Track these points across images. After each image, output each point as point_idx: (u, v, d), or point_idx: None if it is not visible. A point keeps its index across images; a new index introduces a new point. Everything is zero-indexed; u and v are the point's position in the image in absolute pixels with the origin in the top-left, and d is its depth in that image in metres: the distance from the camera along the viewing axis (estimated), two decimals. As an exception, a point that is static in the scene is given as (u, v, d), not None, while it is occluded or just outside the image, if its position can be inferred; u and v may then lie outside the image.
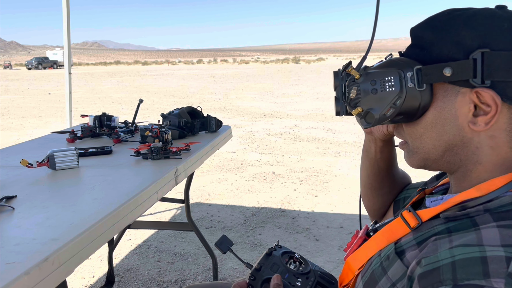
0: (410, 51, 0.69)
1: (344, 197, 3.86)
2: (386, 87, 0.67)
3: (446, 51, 0.64)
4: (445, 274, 0.54)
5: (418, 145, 0.70)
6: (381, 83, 0.67)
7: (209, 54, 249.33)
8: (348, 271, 0.76)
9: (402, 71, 0.66)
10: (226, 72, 32.60)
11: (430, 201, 0.73)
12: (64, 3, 3.68)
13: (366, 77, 0.68)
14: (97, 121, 2.04)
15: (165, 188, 1.42)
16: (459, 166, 0.68)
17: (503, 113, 0.62)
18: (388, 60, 0.69)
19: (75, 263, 0.93)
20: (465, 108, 0.63)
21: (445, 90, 0.65)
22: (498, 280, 0.51)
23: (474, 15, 0.64)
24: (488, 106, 0.62)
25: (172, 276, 2.52)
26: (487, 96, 0.61)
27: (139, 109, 2.15)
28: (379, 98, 0.67)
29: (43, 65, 55.18)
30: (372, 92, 0.68)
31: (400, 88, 0.66)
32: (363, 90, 0.69)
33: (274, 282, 0.79)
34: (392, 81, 0.66)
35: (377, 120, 0.68)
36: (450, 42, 0.64)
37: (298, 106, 10.85)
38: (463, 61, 0.62)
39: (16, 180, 1.39)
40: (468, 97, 0.63)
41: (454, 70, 0.62)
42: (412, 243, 0.65)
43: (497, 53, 0.61)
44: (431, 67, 0.64)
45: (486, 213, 0.60)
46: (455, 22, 0.64)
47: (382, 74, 0.67)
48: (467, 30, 0.63)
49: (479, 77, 0.61)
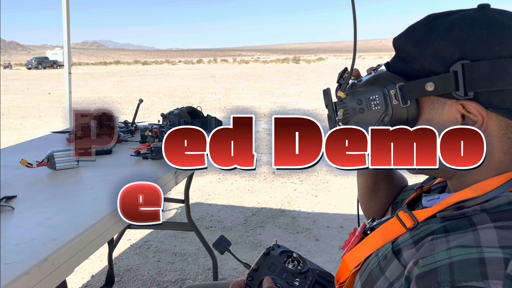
0: (395, 63, 0.70)
1: (344, 197, 3.86)
2: (372, 106, 0.68)
3: (427, 65, 0.64)
4: (443, 276, 0.54)
5: None
6: (367, 102, 0.68)
7: (209, 54, 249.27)
8: (345, 269, 0.76)
9: (386, 88, 0.67)
10: (226, 72, 32.59)
11: (427, 200, 0.73)
12: (64, 3, 3.68)
13: (352, 96, 0.70)
14: (97, 121, 2.03)
15: (165, 188, 1.42)
16: (454, 173, 0.68)
17: (492, 120, 0.62)
18: (373, 76, 0.70)
19: (75, 263, 0.93)
20: (452, 119, 0.64)
21: (432, 103, 0.65)
22: (496, 282, 0.51)
23: (452, 25, 0.63)
24: (475, 116, 0.62)
25: (172, 276, 2.52)
26: (472, 107, 0.61)
27: (139, 109, 2.15)
28: (367, 117, 0.69)
29: (43, 65, 55.16)
30: (360, 112, 0.69)
31: (386, 106, 0.67)
32: (351, 109, 0.70)
33: (265, 286, 0.80)
34: (377, 99, 0.67)
35: None
36: (430, 56, 0.64)
37: (298, 106, 10.85)
38: (444, 74, 0.62)
39: (16, 180, 1.39)
40: (454, 108, 0.63)
41: (436, 84, 0.62)
42: (408, 242, 0.65)
43: (477, 64, 0.60)
44: (413, 83, 0.65)
45: (483, 213, 0.60)
46: (433, 35, 0.64)
47: (367, 93, 0.68)
48: (446, 43, 0.62)
49: (461, 89, 0.61)
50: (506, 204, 0.60)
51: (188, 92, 15.83)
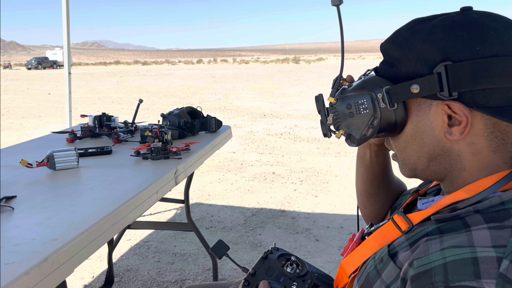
0: (383, 68, 0.71)
1: (344, 197, 3.86)
2: (361, 110, 0.70)
3: (411, 68, 0.65)
4: (437, 276, 0.54)
5: (404, 157, 0.73)
6: (356, 106, 0.70)
7: (209, 54, 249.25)
8: (343, 275, 0.76)
9: (373, 92, 0.69)
10: (226, 72, 32.61)
11: (422, 203, 0.74)
12: (64, 3, 3.68)
13: (342, 101, 0.72)
14: (97, 121, 2.04)
15: (165, 188, 1.42)
16: (445, 174, 0.69)
17: (478, 119, 0.63)
18: (362, 81, 0.72)
19: (74, 263, 0.93)
20: (439, 120, 0.65)
21: (419, 105, 0.67)
22: (488, 281, 0.51)
23: (433, 28, 0.65)
24: (460, 116, 0.63)
25: (172, 277, 2.52)
26: (456, 107, 0.62)
27: (139, 109, 2.15)
28: (356, 120, 0.71)
29: (42, 65, 55.18)
30: (349, 116, 0.71)
31: (374, 109, 0.69)
32: (341, 114, 0.73)
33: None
34: (365, 103, 0.69)
35: (359, 141, 0.72)
36: (414, 59, 0.65)
37: (298, 106, 10.85)
38: (428, 76, 0.63)
39: (16, 180, 1.39)
40: (440, 109, 0.64)
41: (421, 86, 0.64)
42: (404, 245, 0.65)
43: (459, 64, 0.61)
44: (399, 87, 0.66)
45: (476, 214, 0.61)
46: (416, 38, 0.66)
47: (356, 98, 0.70)
48: (428, 46, 0.64)
49: (446, 90, 0.62)
50: (498, 205, 0.60)
51: (188, 92, 15.84)
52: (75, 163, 1.51)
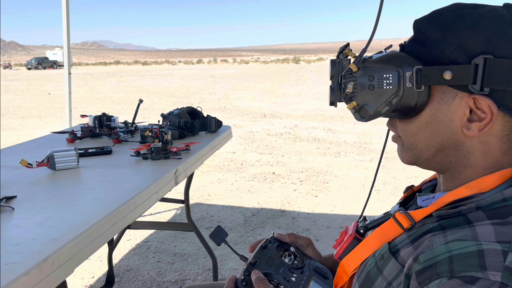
0: (412, 45, 0.67)
1: (344, 198, 3.86)
2: (384, 85, 0.65)
3: (448, 53, 0.62)
4: (442, 267, 0.54)
5: (411, 143, 0.70)
6: (379, 79, 0.65)
7: (209, 54, 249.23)
8: (343, 274, 0.76)
9: (401, 69, 0.64)
10: (226, 72, 32.60)
11: (422, 200, 0.73)
12: (63, 3, 3.68)
13: (364, 71, 0.67)
14: (97, 121, 2.04)
15: (165, 188, 1.42)
16: (449, 168, 0.68)
17: (498, 120, 0.62)
18: (387, 55, 0.68)
19: (75, 263, 0.93)
20: (460, 112, 0.63)
21: (443, 93, 0.64)
22: (494, 273, 0.51)
23: (480, 17, 0.62)
24: (483, 112, 0.61)
25: (172, 277, 2.52)
26: (484, 103, 0.61)
27: (139, 109, 2.15)
28: (375, 94, 0.66)
29: (42, 65, 55.14)
30: (369, 88, 0.66)
31: (398, 87, 0.65)
32: (359, 84, 0.67)
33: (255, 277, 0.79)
34: (390, 78, 0.65)
35: (371, 116, 0.68)
36: (453, 45, 0.62)
37: (298, 106, 10.85)
38: (465, 65, 0.61)
39: (16, 180, 1.39)
40: (464, 102, 0.62)
41: (454, 74, 0.61)
42: (406, 242, 0.65)
43: (499, 61, 0.59)
44: (432, 69, 0.63)
45: (478, 210, 0.60)
46: (461, 23, 0.62)
47: (381, 70, 0.65)
48: (472, 34, 0.61)
49: (478, 84, 0.60)
50: (500, 201, 0.60)
51: (188, 92, 15.83)
52: (75, 163, 1.51)
